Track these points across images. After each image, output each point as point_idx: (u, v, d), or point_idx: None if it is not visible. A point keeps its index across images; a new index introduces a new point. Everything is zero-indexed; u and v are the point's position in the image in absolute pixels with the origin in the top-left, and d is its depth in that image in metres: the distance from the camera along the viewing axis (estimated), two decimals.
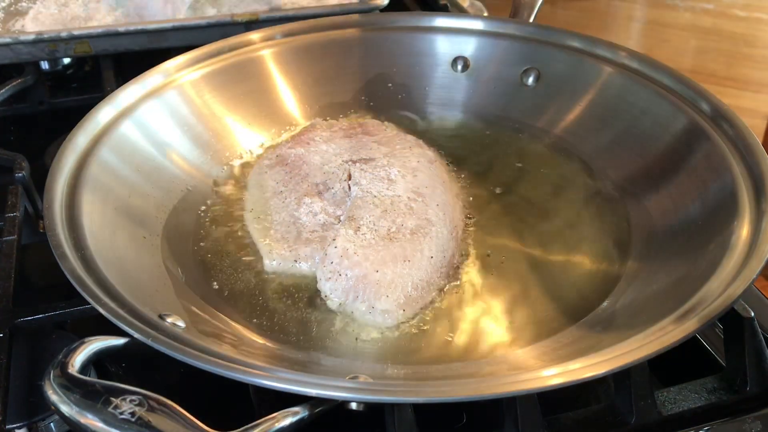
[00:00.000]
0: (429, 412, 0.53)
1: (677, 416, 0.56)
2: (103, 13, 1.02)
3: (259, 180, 0.77)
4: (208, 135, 0.81)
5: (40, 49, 0.94)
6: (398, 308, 0.62)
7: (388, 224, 0.67)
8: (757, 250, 0.57)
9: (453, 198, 0.74)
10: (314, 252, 0.67)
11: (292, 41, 0.90)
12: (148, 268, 0.64)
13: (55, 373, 0.47)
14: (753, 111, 1.87)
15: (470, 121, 0.88)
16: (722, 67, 1.84)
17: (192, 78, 0.82)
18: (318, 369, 0.59)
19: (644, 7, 1.68)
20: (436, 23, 0.92)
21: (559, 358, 0.57)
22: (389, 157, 0.76)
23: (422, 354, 0.60)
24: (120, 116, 0.74)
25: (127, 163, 0.72)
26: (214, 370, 0.48)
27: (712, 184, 0.67)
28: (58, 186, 0.64)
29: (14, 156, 0.79)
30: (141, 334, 0.50)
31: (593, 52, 0.84)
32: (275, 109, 0.87)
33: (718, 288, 0.54)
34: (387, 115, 0.89)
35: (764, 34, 1.68)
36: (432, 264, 0.65)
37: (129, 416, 0.45)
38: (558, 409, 0.56)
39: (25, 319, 0.62)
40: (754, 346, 0.57)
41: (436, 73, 0.91)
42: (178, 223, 0.72)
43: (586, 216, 0.74)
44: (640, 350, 0.49)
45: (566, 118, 0.84)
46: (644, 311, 0.59)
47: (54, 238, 0.58)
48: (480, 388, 0.48)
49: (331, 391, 0.47)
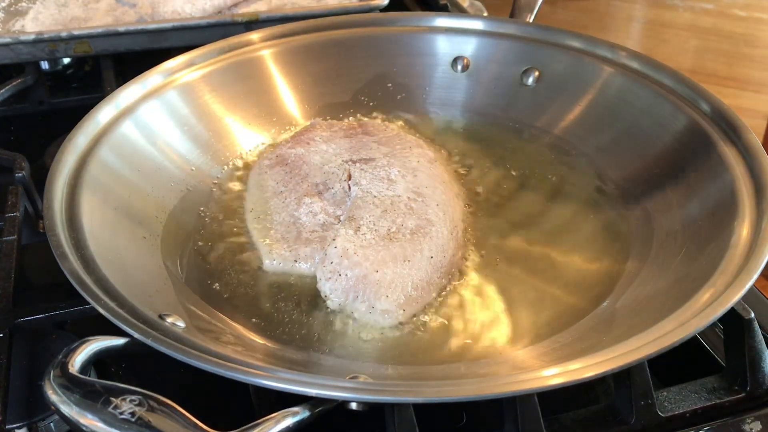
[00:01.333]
0: (429, 412, 0.53)
1: (677, 416, 0.56)
2: (102, 12, 1.02)
3: (259, 180, 0.77)
4: (208, 135, 0.81)
5: (40, 49, 0.94)
6: (398, 308, 0.62)
7: (388, 224, 0.67)
8: (757, 250, 0.57)
9: (453, 198, 0.74)
10: (314, 252, 0.67)
11: (292, 41, 0.90)
12: (148, 268, 0.64)
13: (55, 373, 0.47)
14: (753, 111, 1.87)
15: (470, 121, 0.88)
16: (722, 67, 1.84)
17: (192, 78, 0.82)
18: (318, 369, 0.59)
19: (644, 7, 1.68)
20: (436, 23, 0.92)
21: (559, 358, 0.57)
22: (389, 157, 0.76)
23: (422, 354, 0.60)
24: (120, 116, 0.74)
25: (127, 163, 0.72)
26: (214, 370, 0.48)
27: (712, 184, 0.67)
28: (58, 186, 0.64)
29: (14, 156, 0.79)
30: (141, 334, 0.50)
31: (593, 52, 0.84)
32: (275, 109, 0.87)
33: (718, 288, 0.54)
34: (387, 115, 0.89)
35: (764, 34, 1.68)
36: (432, 264, 0.65)
37: (129, 416, 0.45)
38: (558, 409, 0.56)
39: (25, 319, 0.62)
40: (754, 346, 0.57)
41: (436, 73, 0.91)
42: (178, 223, 0.72)
43: (586, 216, 0.74)
44: (640, 350, 0.49)
45: (566, 118, 0.84)
46: (644, 311, 0.59)
47: (54, 238, 0.58)
48: (480, 388, 0.48)
49: (331, 391, 0.47)
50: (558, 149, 0.82)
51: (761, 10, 1.71)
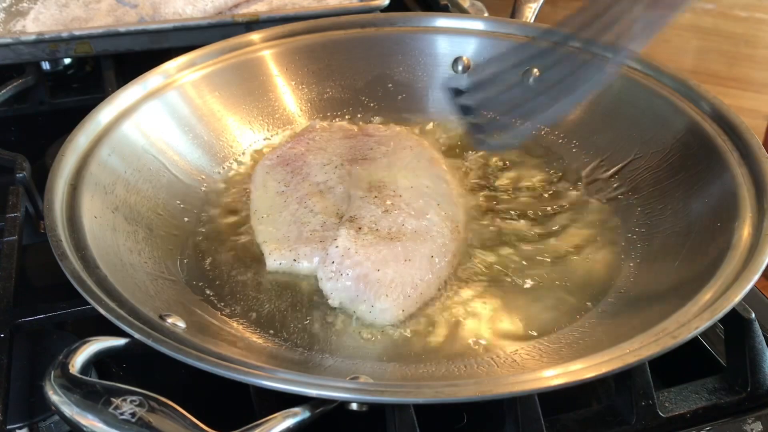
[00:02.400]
0: (430, 413, 0.53)
1: (678, 417, 0.56)
2: (103, 13, 1.02)
3: (260, 180, 0.77)
4: (208, 135, 0.81)
5: (41, 50, 0.94)
6: (399, 308, 0.62)
7: (389, 224, 0.67)
8: (758, 251, 0.57)
9: (454, 198, 0.74)
10: (315, 251, 0.67)
11: (292, 42, 0.90)
12: (148, 268, 0.64)
13: (55, 373, 0.47)
14: (754, 111, 1.86)
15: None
16: (723, 67, 1.84)
17: (192, 78, 0.82)
18: (318, 369, 0.59)
19: None
20: (437, 24, 0.92)
21: (560, 358, 0.57)
22: (390, 156, 0.76)
23: (423, 354, 0.60)
24: (121, 117, 0.74)
25: (127, 164, 0.72)
26: (215, 370, 0.48)
27: (712, 184, 0.67)
28: (59, 186, 0.64)
29: (15, 156, 0.79)
30: (141, 334, 0.50)
31: (594, 52, 0.84)
32: (276, 109, 0.87)
33: (719, 289, 0.54)
34: (387, 115, 0.89)
35: (765, 34, 1.68)
36: (433, 263, 0.65)
37: (129, 417, 0.45)
38: (559, 409, 0.56)
39: (25, 319, 0.62)
40: (754, 347, 0.57)
41: (437, 73, 0.91)
42: (179, 223, 0.72)
43: (587, 216, 0.74)
44: (641, 351, 0.49)
45: (566, 118, 0.84)
46: (645, 312, 0.59)
47: (54, 238, 0.58)
48: (481, 388, 0.48)
49: (331, 391, 0.47)
50: (558, 149, 0.82)
51: (762, 11, 1.71)
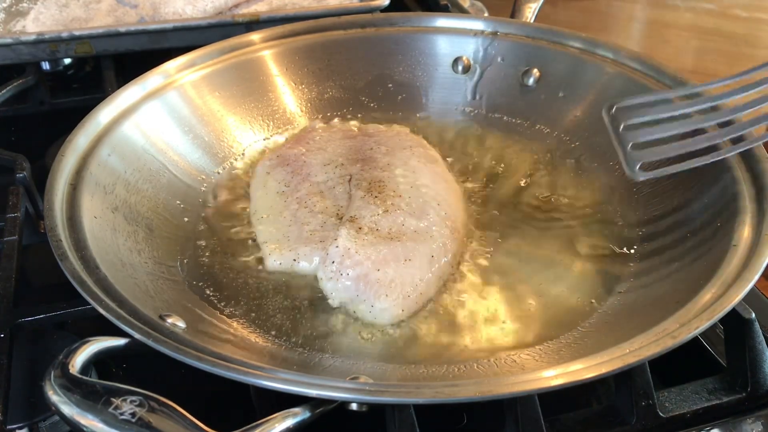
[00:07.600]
0: (430, 413, 0.53)
1: (678, 417, 0.56)
2: (103, 13, 1.02)
3: (261, 180, 0.77)
4: (208, 135, 0.81)
5: (41, 50, 0.94)
6: (399, 307, 0.62)
7: (389, 224, 0.67)
8: (757, 251, 0.57)
9: (454, 198, 0.74)
10: (315, 251, 0.67)
11: (292, 42, 0.90)
12: (148, 268, 0.64)
13: (55, 373, 0.47)
14: None
15: (470, 121, 0.88)
16: (723, 67, 1.83)
17: (192, 78, 0.82)
18: (318, 369, 0.59)
19: (645, 7, 1.67)
20: (437, 24, 0.92)
21: (561, 358, 0.57)
22: (390, 156, 0.76)
23: (423, 354, 0.60)
24: (121, 117, 0.74)
25: (127, 164, 0.72)
26: (215, 370, 0.48)
27: (713, 184, 0.67)
28: (59, 186, 0.64)
29: (15, 156, 0.79)
30: (141, 334, 0.50)
31: (594, 53, 0.84)
32: (276, 109, 0.87)
33: (719, 289, 0.54)
34: (387, 115, 0.89)
35: (765, 34, 1.68)
36: (433, 263, 0.65)
37: (129, 417, 0.45)
38: (559, 409, 0.56)
39: (25, 319, 0.62)
40: (754, 347, 0.57)
41: (437, 74, 0.91)
42: (179, 223, 0.72)
43: (587, 217, 0.74)
44: (641, 351, 0.49)
45: (566, 119, 0.84)
46: (645, 312, 0.59)
47: (54, 238, 0.58)
48: (481, 388, 0.48)
49: (331, 391, 0.47)
50: (559, 150, 0.82)
51: (762, 11, 1.70)
